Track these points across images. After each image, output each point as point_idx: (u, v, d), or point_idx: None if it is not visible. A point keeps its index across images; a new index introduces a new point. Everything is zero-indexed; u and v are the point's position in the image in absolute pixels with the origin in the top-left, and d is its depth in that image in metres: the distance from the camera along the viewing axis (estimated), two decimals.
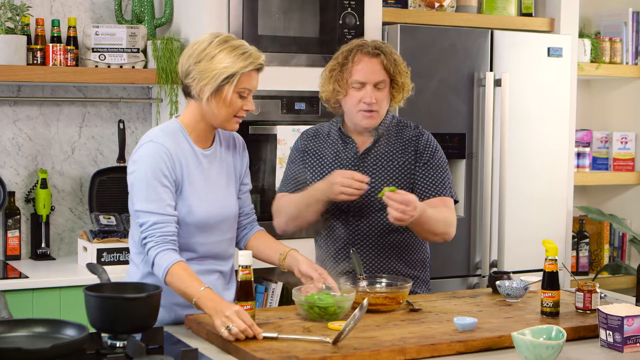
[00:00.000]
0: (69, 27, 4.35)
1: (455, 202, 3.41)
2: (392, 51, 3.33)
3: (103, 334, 2.53)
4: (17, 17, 4.21)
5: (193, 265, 2.91)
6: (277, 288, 4.38)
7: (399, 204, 3.04)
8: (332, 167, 3.36)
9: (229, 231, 3.10)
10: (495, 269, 4.34)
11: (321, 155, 3.41)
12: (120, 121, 4.51)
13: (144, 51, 4.43)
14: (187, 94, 2.99)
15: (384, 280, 3.20)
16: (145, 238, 2.86)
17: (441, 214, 3.29)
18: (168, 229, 2.86)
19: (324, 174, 3.36)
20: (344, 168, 3.35)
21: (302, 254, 3.08)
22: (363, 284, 3.16)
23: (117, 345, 2.48)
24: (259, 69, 2.98)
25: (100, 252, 4.14)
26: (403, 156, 3.37)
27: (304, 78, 4.32)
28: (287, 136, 4.28)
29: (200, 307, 2.72)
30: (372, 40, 3.36)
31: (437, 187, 3.36)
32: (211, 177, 3.03)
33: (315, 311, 2.84)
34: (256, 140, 4.24)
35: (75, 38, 4.35)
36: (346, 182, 3.13)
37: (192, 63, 2.92)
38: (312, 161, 3.42)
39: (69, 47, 4.28)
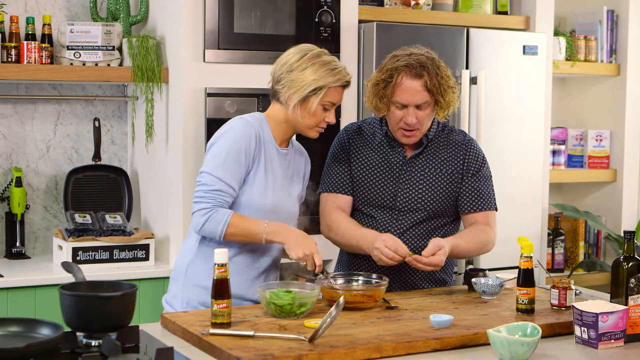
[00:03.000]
0: (44, 24, 4.32)
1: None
2: (437, 70, 3.27)
3: (78, 333, 2.51)
4: None
5: (243, 257, 3.17)
6: None
7: (426, 265, 3.17)
8: (379, 171, 3.40)
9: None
10: (471, 266, 4.34)
11: (367, 157, 3.43)
12: (95, 119, 4.49)
13: (120, 49, 4.41)
14: (275, 98, 3.20)
15: (360, 277, 3.20)
16: (201, 198, 3.07)
17: (475, 240, 3.37)
18: (226, 200, 3.07)
19: (370, 177, 3.40)
20: (391, 173, 3.39)
21: None
22: (339, 281, 3.16)
23: (93, 344, 2.47)
24: (345, 86, 3.16)
25: (75, 250, 4.12)
26: (451, 164, 3.40)
27: None
28: None
29: (272, 240, 3.07)
30: (419, 55, 3.29)
31: (482, 201, 3.41)
32: (280, 173, 3.21)
33: (272, 308, 2.86)
34: None
35: (50, 36, 4.32)
36: (388, 254, 3.17)
37: (284, 71, 3.14)
38: (358, 162, 3.43)
39: (43, 45, 4.25)
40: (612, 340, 2.70)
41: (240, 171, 3.09)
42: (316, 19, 4.41)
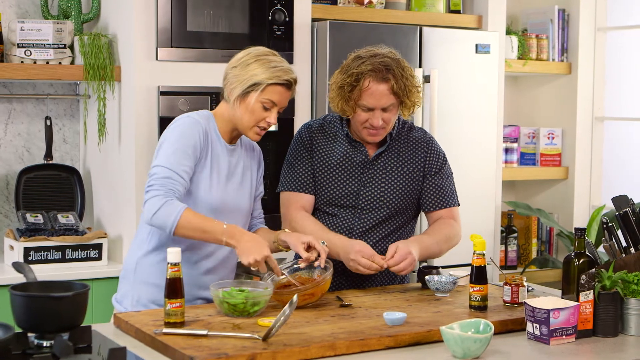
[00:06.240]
0: None
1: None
2: (402, 72, 3.28)
3: (30, 334, 2.49)
4: None
5: (194, 252, 3.14)
6: None
7: (400, 266, 3.19)
8: (342, 170, 3.39)
9: (240, 224, 3.21)
10: (424, 264, 4.36)
11: (329, 156, 3.42)
12: (47, 118, 4.45)
13: (71, 47, 4.37)
14: (222, 96, 3.20)
15: (303, 270, 3.17)
16: (151, 186, 3.00)
17: (440, 234, 3.40)
18: (177, 187, 3.01)
19: (332, 176, 3.40)
20: (354, 172, 3.39)
21: (289, 232, 3.21)
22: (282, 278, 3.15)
23: (44, 344, 2.45)
24: (287, 86, 3.12)
25: (27, 250, 4.08)
26: (413, 162, 3.42)
27: None
28: None
29: (229, 243, 2.97)
30: (384, 57, 3.30)
31: (446, 198, 3.45)
32: (230, 168, 3.19)
33: (225, 306, 2.86)
34: None
35: (0, 33, 4.28)
36: (366, 264, 3.18)
37: (229, 68, 3.15)
38: (320, 160, 3.42)
39: None
40: (564, 336, 2.72)
41: (190, 163, 3.05)
42: (269, 17, 4.41)
